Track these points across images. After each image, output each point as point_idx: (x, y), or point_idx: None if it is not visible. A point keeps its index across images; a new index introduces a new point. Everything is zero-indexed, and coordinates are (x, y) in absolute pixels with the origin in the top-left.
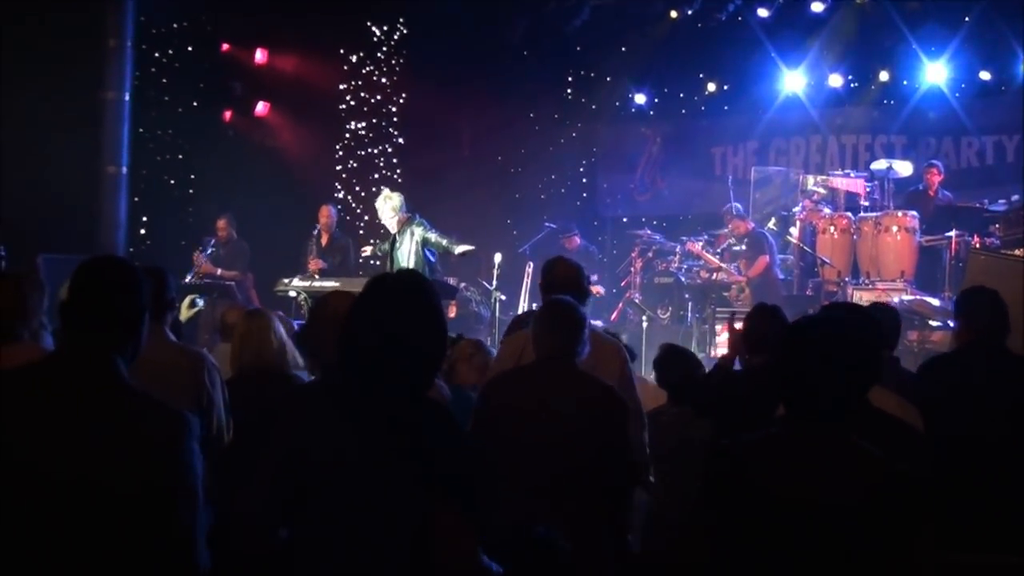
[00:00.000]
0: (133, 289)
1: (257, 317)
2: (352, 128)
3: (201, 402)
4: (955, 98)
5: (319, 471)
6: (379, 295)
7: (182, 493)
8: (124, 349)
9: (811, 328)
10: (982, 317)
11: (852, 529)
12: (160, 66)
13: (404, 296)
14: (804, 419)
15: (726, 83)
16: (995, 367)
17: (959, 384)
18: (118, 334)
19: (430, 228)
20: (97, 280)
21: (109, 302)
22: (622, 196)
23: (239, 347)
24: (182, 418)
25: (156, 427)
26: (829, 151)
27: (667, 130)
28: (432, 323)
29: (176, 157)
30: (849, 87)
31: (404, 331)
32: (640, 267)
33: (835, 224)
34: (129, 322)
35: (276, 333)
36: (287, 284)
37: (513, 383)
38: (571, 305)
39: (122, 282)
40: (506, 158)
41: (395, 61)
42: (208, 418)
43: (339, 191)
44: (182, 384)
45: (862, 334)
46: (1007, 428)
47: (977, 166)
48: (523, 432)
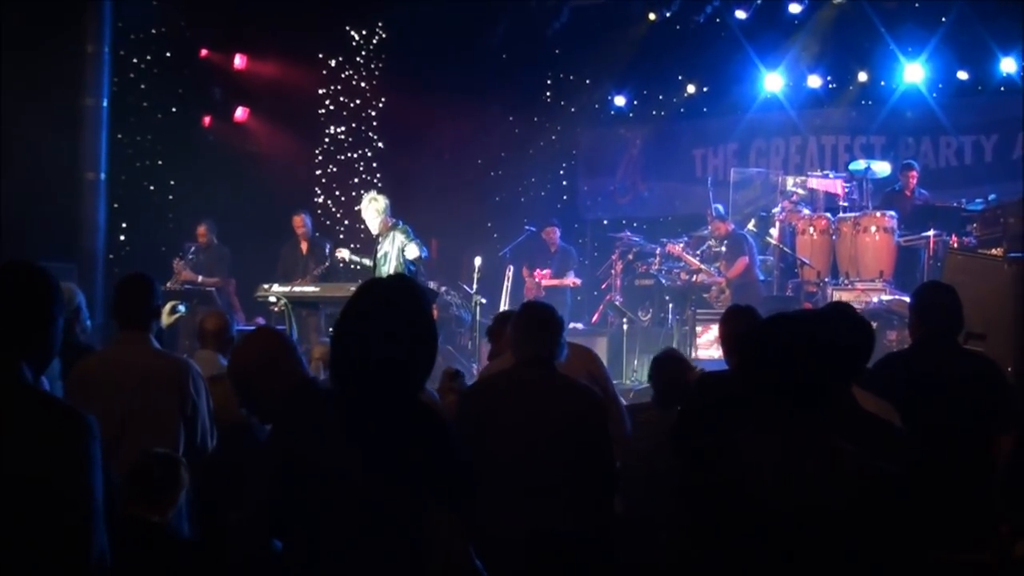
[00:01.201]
0: (38, 295)
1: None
2: (332, 132)
3: (186, 410)
4: (933, 98)
5: (315, 478)
6: (367, 301)
7: (78, 493)
8: (30, 354)
9: (777, 321)
10: (937, 313)
11: (831, 529)
12: (139, 72)
13: (392, 301)
14: (772, 414)
15: (705, 85)
16: (949, 363)
17: (915, 381)
18: (21, 339)
19: (413, 237)
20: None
21: (9, 308)
22: (602, 198)
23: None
24: (82, 420)
25: (54, 428)
26: (809, 152)
27: (647, 132)
28: (420, 328)
29: (155, 163)
30: (828, 88)
31: (392, 337)
32: (620, 269)
33: (814, 225)
34: (33, 327)
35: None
36: (268, 289)
37: (494, 389)
38: (549, 308)
39: (24, 288)
40: (486, 161)
41: (374, 65)
42: (192, 425)
43: (319, 196)
44: (167, 391)
45: (832, 328)
46: (961, 425)
47: (955, 165)
48: (507, 438)
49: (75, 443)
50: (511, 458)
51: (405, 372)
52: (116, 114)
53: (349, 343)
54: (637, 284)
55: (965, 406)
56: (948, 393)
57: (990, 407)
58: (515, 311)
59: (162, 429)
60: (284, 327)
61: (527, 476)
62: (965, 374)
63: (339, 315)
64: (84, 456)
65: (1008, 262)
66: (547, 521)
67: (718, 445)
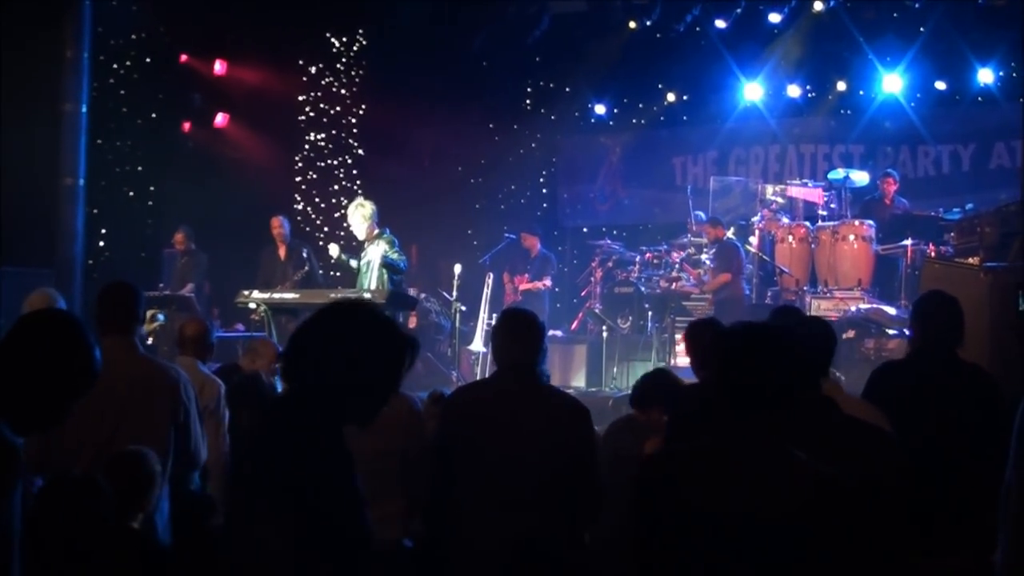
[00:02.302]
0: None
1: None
2: (312, 139)
3: (178, 417)
4: (911, 108)
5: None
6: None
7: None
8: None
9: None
10: (935, 323)
11: (782, 536)
12: (118, 77)
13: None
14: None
15: (685, 93)
16: (945, 374)
17: (911, 391)
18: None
19: (396, 247)
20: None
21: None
22: (582, 206)
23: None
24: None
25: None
26: (788, 160)
27: (627, 140)
28: (373, 354)
29: (135, 169)
30: (807, 97)
31: (320, 362)
32: (600, 277)
33: (793, 233)
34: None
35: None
36: (247, 296)
37: (475, 399)
38: (531, 315)
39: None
40: (466, 168)
41: (355, 72)
42: (185, 432)
43: (299, 202)
44: (159, 398)
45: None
46: (957, 436)
47: (933, 175)
48: (488, 449)
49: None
50: (493, 470)
51: (356, 397)
52: (95, 119)
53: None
54: (617, 292)
55: (958, 418)
56: (941, 404)
57: (981, 420)
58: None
59: (154, 436)
60: (264, 333)
61: (509, 488)
62: (960, 385)
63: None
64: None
65: (984, 271)
66: (529, 534)
67: (669, 452)
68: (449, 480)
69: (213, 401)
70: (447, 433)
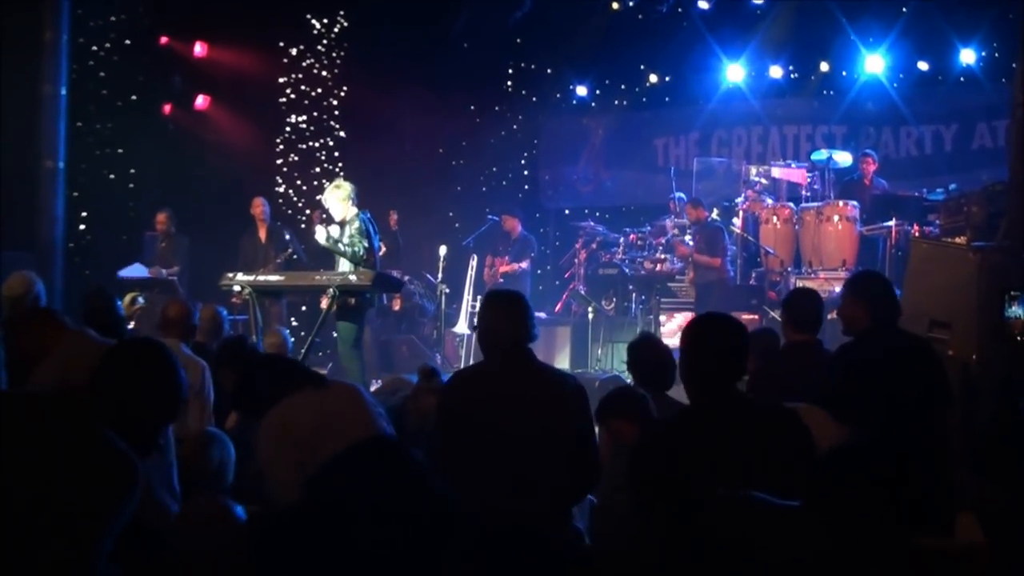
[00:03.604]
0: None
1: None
2: (293, 121)
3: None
4: (894, 88)
5: None
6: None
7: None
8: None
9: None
10: (884, 301)
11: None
12: (98, 59)
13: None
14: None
15: (668, 75)
16: (899, 347)
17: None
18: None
19: (364, 230)
20: None
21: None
22: (564, 188)
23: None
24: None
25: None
26: (771, 141)
27: (609, 122)
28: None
29: (116, 151)
30: (789, 78)
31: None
32: (584, 258)
33: (777, 214)
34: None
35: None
36: (232, 278)
37: (478, 378)
38: (518, 293)
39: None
40: (447, 151)
41: (335, 54)
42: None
43: (280, 185)
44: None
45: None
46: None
47: (916, 155)
48: (490, 430)
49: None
50: (498, 450)
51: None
52: (75, 102)
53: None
54: (601, 273)
55: (917, 387)
56: (904, 377)
57: (933, 384)
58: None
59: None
60: (247, 316)
61: (510, 468)
62: (912, 357)
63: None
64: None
65: (972, 251)
66: (534, 512)
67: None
68: (452, 461)
69: (198, 382)
70: (450, 416)
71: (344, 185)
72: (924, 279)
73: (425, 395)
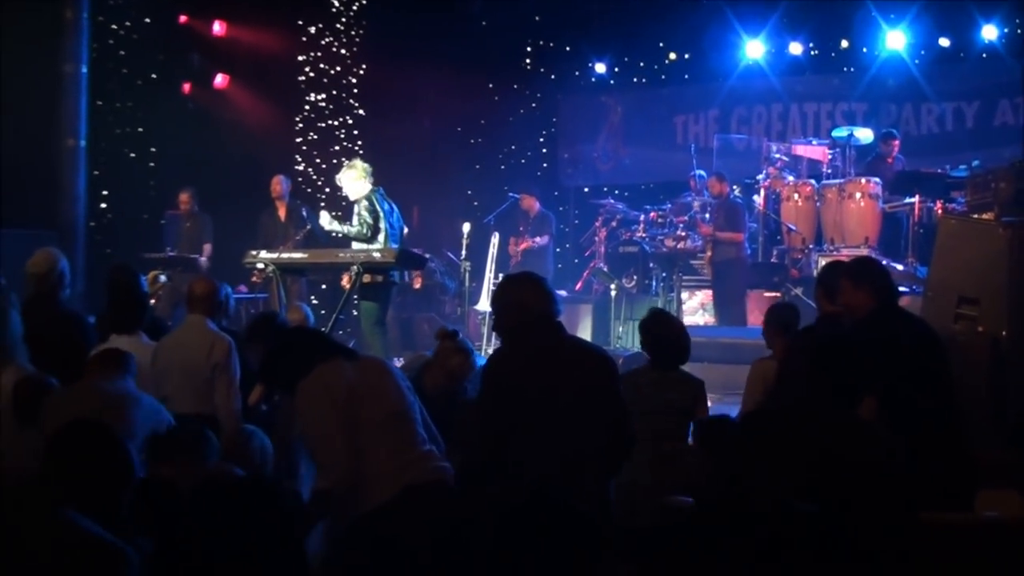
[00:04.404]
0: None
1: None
2: (312, 100)
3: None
4: (915, 65)
5: None
6: None
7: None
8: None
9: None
10: (884, 281)
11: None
12: (118, 38)
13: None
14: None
15: (687, 52)
16: (914, 323)
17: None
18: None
19: (371, 207)
20: None
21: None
22: (583, 166)
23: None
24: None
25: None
26: (791, 119)
27: (628, 99)
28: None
29: (136, 130)
30: (809, 54)
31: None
32: (604, 236)
33: (799, 191)
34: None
35: None
36: (255, 256)
37: (522, 354)
38: (526, 271)
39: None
40: (466, 129)
41: (354, 32)
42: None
43: (299, 163)
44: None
45: None
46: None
47: (937, 132)
48: (548, 401)
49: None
50: (546, 421)
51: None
52: (96, 81)
53: None
54: (621, 251)
55: (940, 362)
56: (927, 353)
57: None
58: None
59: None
60: (268, 295)
61: (560, 439)
62: (927, 333)
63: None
64: None
65: (1003, 226)
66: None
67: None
68: (502, 438)
69: (224, 358)
70: (501, 388)
71: (357, 164)
72: (952, 255)
73: (451, 354)
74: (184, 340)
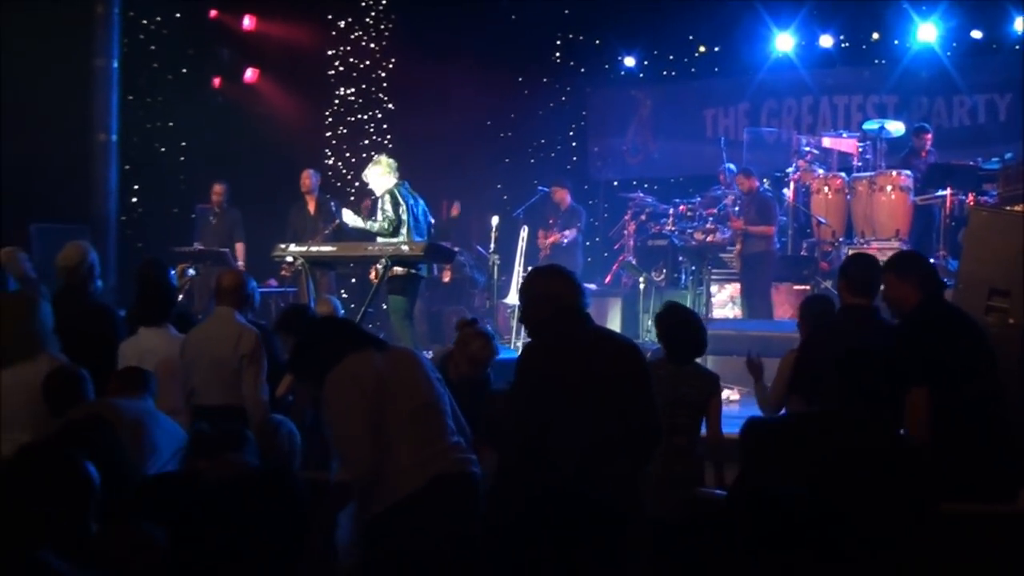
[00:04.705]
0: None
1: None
2: (341, 94)
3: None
4: (947, 57)
5: None
6: None
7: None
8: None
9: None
10: (928, 272)
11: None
12: (148, 33)
13: None
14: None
15: (716, 45)
16: (960, 314)
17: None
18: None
19: (394, 199)
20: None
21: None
22: (612, 159)
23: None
24: None
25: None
26: (821, 112)
27: (657, 93)
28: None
29: (166, 124)
30: (840, 47)
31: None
32: (633, 230)
33: (829, 184)
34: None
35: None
36: (284, 249)
37: (557, 345)
38: (554, 264)
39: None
40: (496, 123)
41: (383, 26)
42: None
43: (329, 157)
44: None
45: None
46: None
47: (969, 125)
48: (585, 391)
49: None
50: (577, 415)
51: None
52: (126, 75)
53: None
54: (650, 244)
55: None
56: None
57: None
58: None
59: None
60: (297, 289)
61: (591, 433)
62: (972, 323)
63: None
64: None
65: None
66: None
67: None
68: (538, 430)
69: (252, 350)
70: (533, 384)
71: (382, 160)
72: (983, 247)
73: (471, 339)
74: (212, 332)
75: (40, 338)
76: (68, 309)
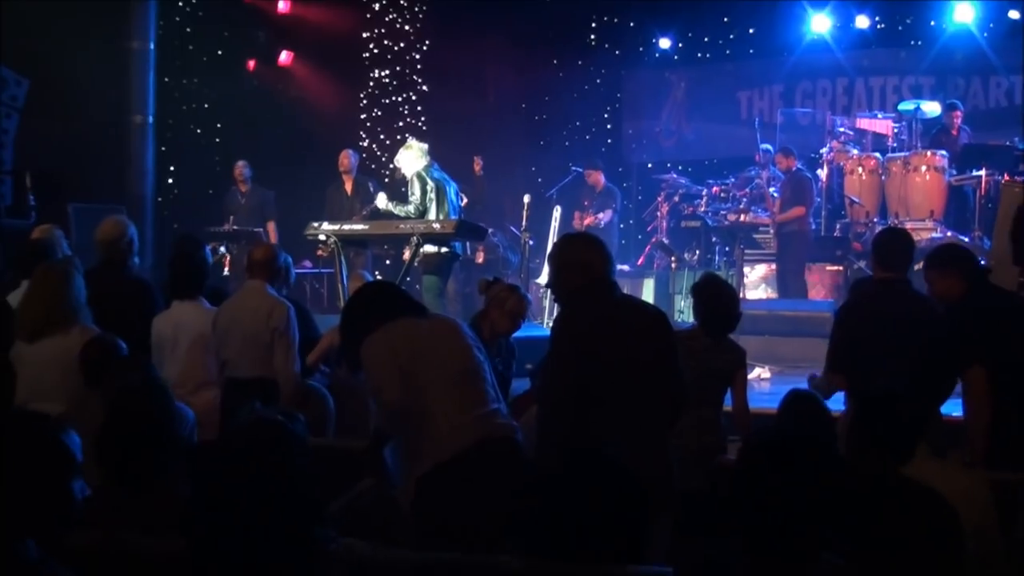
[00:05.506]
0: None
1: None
2: (376, 76)
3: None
4: (983, 37)
5: None
6: None
7: None
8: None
9: None
10: (972, 262)
11: None
12: (184, 15)
13: None
14: None
15: (751, 26)
16: (1007, 296)
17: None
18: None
19: (417, 186)
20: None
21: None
22: (647, 141)
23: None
24: None
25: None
26: (856, 93)
27: (692, 74)
28: None
29: (202, 106)
30: (876, 28)
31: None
32: (666, 211)
33: (863, 165)
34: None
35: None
36: (317, 228)
37: (593, 307)
38: (587, 233)
39: None
40: (530, 105)
41: (418, 8)
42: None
43: (364, 139)
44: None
45: None
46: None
47: (1005, 105)
48: (613, 361)
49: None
50: (611, 384)
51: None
52: (163, 57)
53: None
54: (683, 226)
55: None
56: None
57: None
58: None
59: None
60: (333, 270)
61: (625, 402)
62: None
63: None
64: None
65: None
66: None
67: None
68: (578, 399)
69: (283, 323)
70: (571, 353)
71: (412, 144)
72: (1014, 224)
73: (506, 297)
74: (243, 304)
75: (74, 310)
76: (106, 283)
